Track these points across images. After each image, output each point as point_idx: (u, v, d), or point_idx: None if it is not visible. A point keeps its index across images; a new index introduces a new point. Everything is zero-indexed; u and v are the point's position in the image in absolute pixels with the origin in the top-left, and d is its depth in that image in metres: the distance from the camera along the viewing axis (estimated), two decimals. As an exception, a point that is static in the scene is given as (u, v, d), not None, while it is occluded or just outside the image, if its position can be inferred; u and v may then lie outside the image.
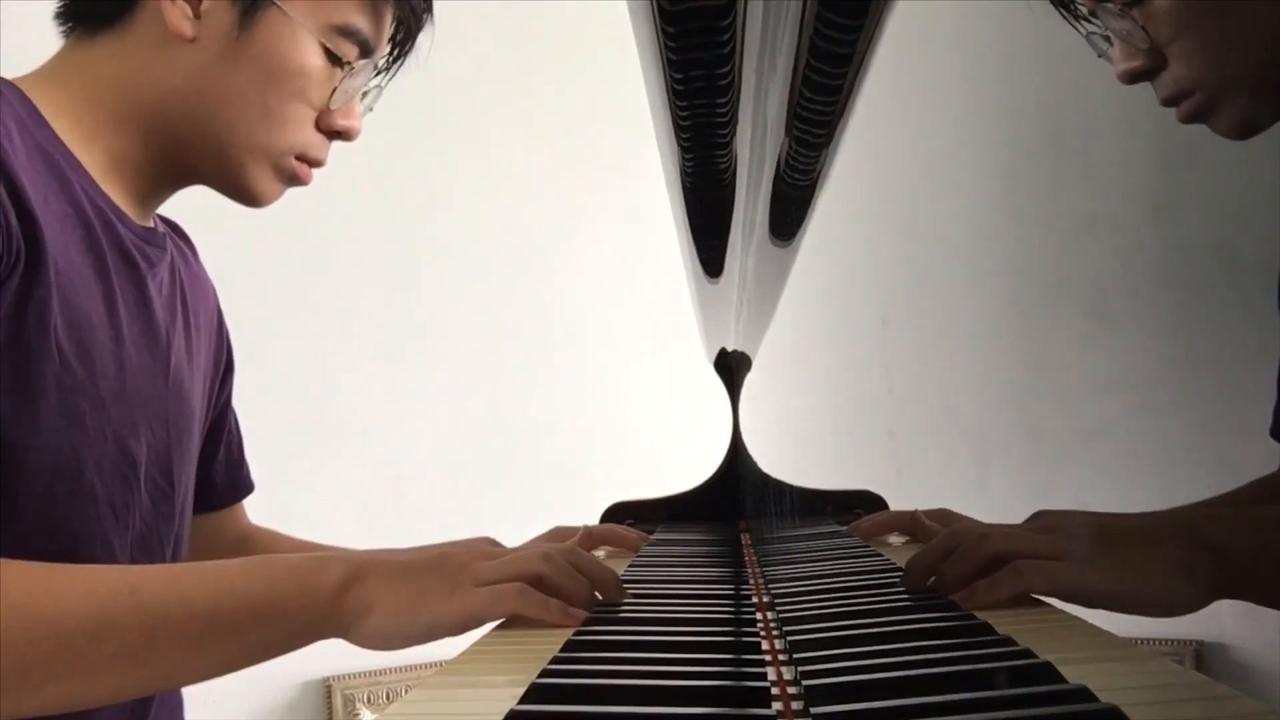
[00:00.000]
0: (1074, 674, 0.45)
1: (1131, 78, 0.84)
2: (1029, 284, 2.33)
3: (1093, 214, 2.25)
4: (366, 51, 0.84)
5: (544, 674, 0.51)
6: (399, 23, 0.86)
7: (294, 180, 0.85)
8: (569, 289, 2.43)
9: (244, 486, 1.04)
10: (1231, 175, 2.09)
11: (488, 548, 0.74)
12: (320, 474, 2.16)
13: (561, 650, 0.57)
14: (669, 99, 0.56)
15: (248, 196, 0.85)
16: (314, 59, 0.81)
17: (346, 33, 0.82)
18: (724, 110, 0.57)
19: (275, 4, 0.78)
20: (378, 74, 0.88)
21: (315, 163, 0.86)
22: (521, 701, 0.47)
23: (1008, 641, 0.53)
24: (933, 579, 0.70)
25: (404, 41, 0.88)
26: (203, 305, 0.95)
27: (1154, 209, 2.21)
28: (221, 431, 1.00)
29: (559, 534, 1.08)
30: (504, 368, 2.36)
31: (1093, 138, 2.25)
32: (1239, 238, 2.08)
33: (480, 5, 2.37)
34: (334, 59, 0.82)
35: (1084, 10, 0.85)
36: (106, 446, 0.75)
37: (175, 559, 0.87)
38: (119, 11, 0.78)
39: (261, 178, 0.84)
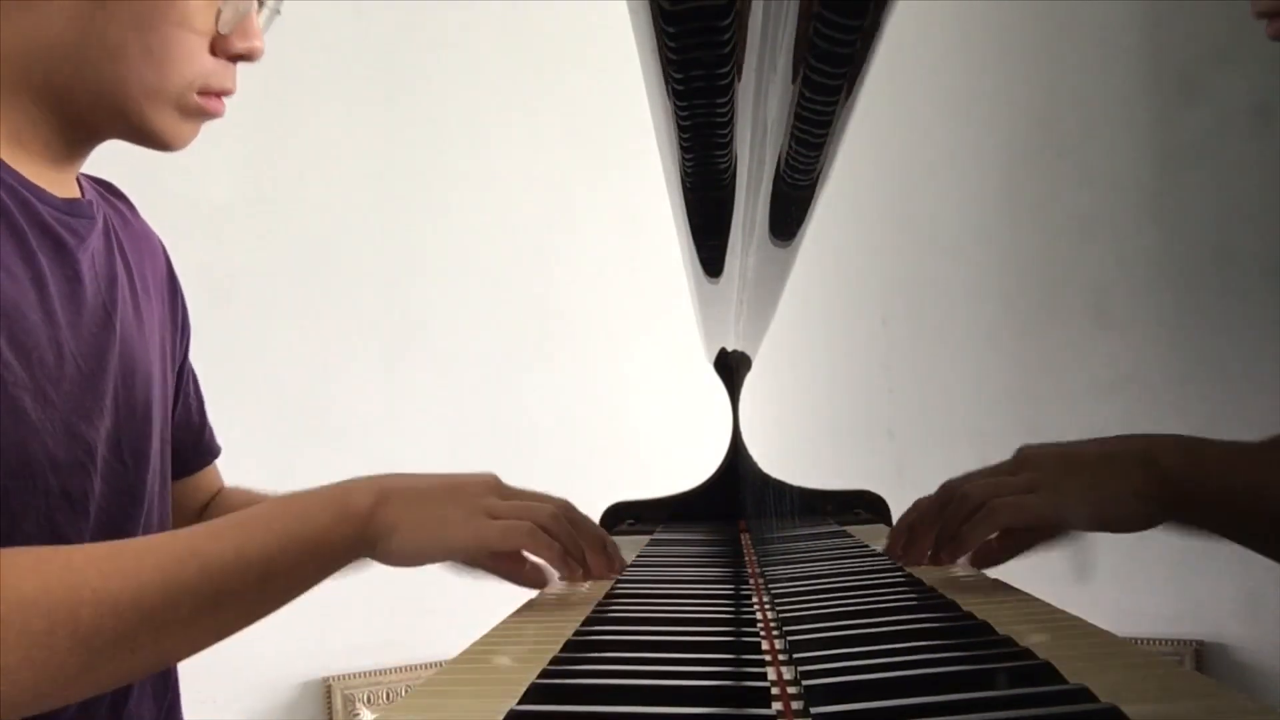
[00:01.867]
0: (1074, 674, 0.45)
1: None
2: (1028, 284, 2.33)
3: (1092, 214, 2.25)
4: None
5: (544, 674, 0.51)
6: None
7: (203, 114, 0.80)
8: (569, 289, 2.43)
9: (209, 451, 1.02)
10: (1231, 175, 2.09)
11: (495, 480, 0.77)
12: (320, 473, 2.15)
13: (561, 650, 0.57)
14: (669, 99, 0.56)
15: (157, 141, 0.80)
16: None
17: None
18: (724, 110, 0.57)
19: None
20: None
21: (222, 92, 0.80)
22: (521, 701, 0.47)
23: (1008, 641, 0.53)
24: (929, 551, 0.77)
25: None
26: (150, 265, 0.91)
27: (1154, 209, 2.21)
28: (179, 396, 0.96)
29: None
30: (503, 367, 2.36)
31: (1092, 138, 2.25)
32: (1239, 238, 2.08)
33: (480, 5, 2.37)
34: None
35: None
36: (57, 437, 0.73)
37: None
38: None
39: (166, 120, 0.78)
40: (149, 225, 0.95)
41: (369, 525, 0.68)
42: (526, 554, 0.77)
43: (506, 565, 0.78)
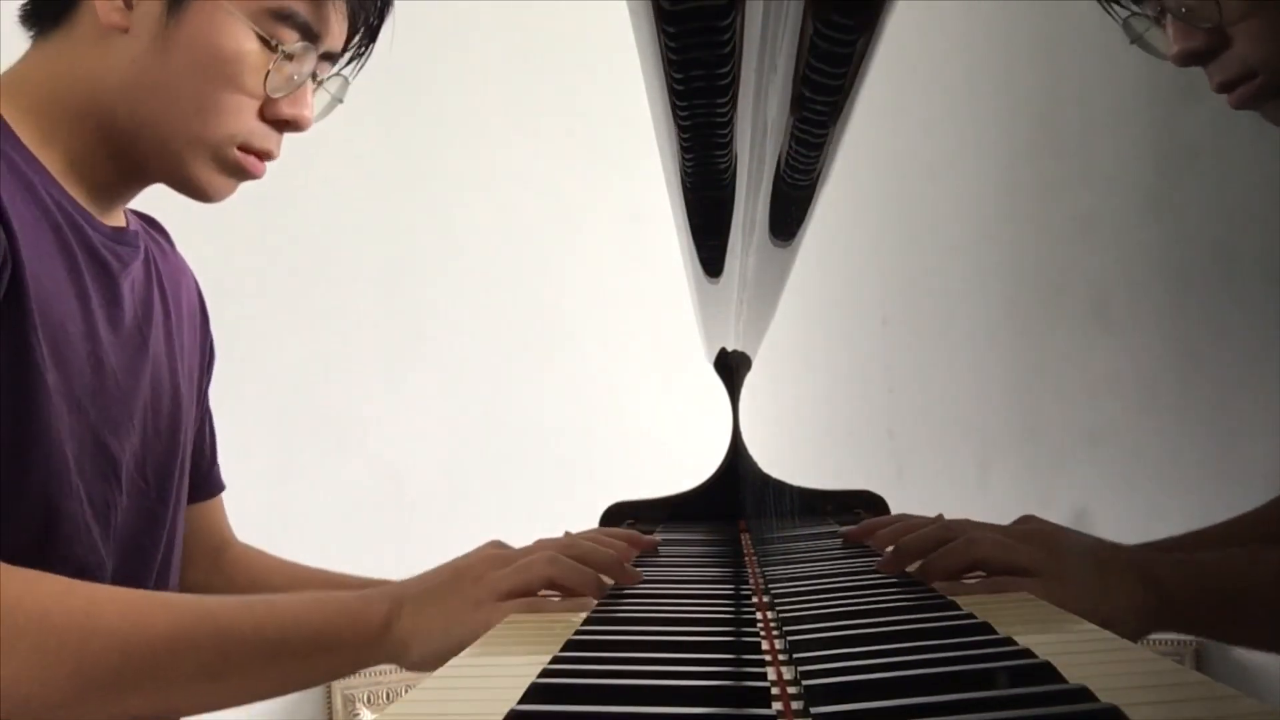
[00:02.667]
0: (1074, 674, 0.45)
1: (1188, 59, 0.81)
2: (1029, 284, 2.33)
3: (1093, 214, 2.25)
4: (309, 36, 0.81)
5: (544, 674, 0.51)
6: (355, 9, 0.85)
7: (241, 172, 0.83)
8: (569, 289, 2.43)
9: (215, 483, 1.04)
10: (1231, 175, 2.08)
11: (495, 551, 0.76)
12: (320, 474, 2.16)
13: (561, 650, 0.57)
14: (669, 99, 0.56)
15: (195, 190, 0.83)
16: (247, 45, 0.78)
17: (282, 17, 0.79)
18: (724, 110, 0.57)
19: None
20: (333, 60, 0.86)
21: (263, 154, 0.83)
22: (521, 701, 0.47)
23: (1008, 641, 0.53)
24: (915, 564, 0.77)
25: (362, 29, 0.87)
26: (185, 296, 0.94)
27: (1154, 209, 2.21)
28: (201, 429, 1.00)
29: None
30: (504, 367, 2.36)
31: (1092, 137, 2.25)
32: (1239, 238, 2.08)
33: (480, 5, 2.37)
34: (268, 44, 0.79)
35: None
36: (85, 446, 0.76)
37: (166, 561, 0.87)
38: (62, 10, 0.78)
39: (203, 170, 0.82)
40: (184, 260, 0.99)
41: (386, 637, 0.69)
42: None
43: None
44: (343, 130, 2.34)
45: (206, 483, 1.02)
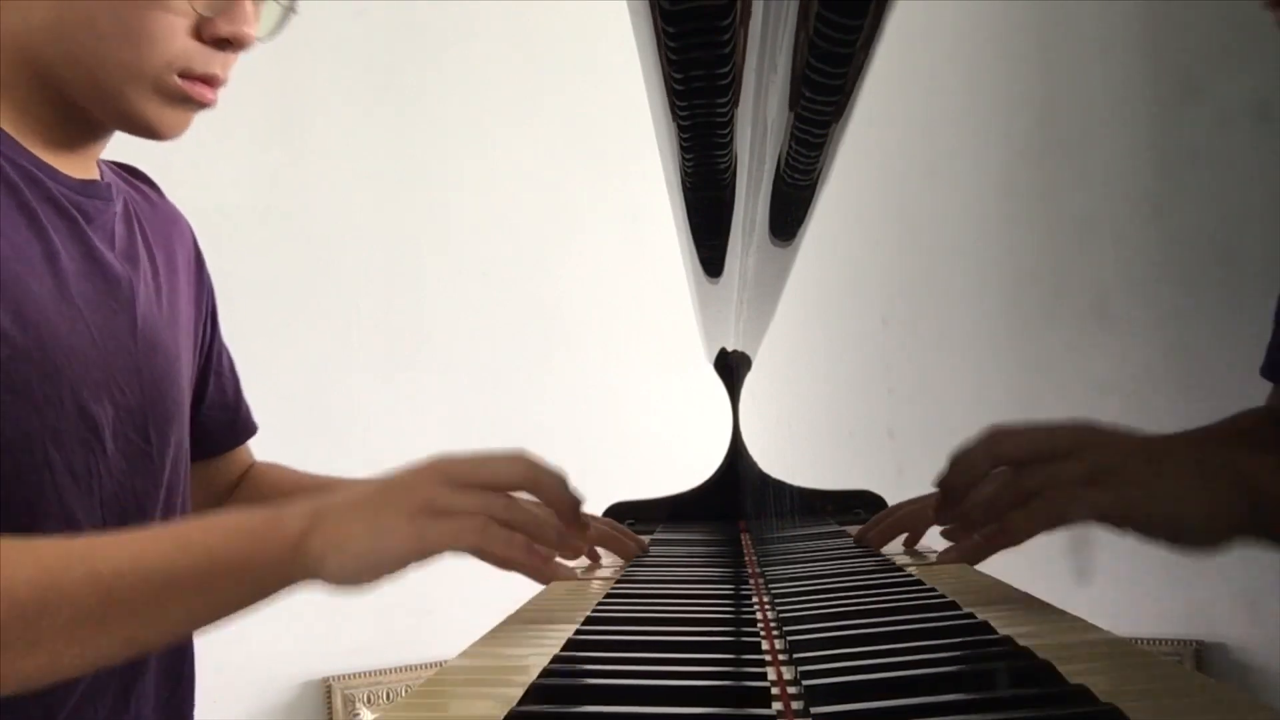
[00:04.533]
0: (1074, 674, 0.45)
1: None
2: (1029, 284, 2.33)
3: (1092, 214, 2.25)
4: None
5: (544, 674, 0.51)
6: None
7: (189, 101, 0.77)
8: (569, 289, 2.43)
9: (244, 429, 1.01)
10: (1231, 175, 2.08)
11: (442, 460, 0.68)
12: (319, 471, 2.16)
13: (561, 650, 0.57)
14: (669, 99, 0.56)
15: (144, 127, 0.78)
16: None
17: None
18: (724, 110, 0.57)
19: None
20: None
21: (207, 79, 0.77)
22: (521, 702, 0.47)
23: (1008, 641, 0.53)
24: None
25: None
26: (179, 245, 0.91)
27: (1154, 209, 2.21)
28: (209, 374, 0.96)
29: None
30: (504, 367, 2.36)
31: (1092, 137, 2.25)
32: (1239, 238, 2.08)
33: (483, 7, 2.37)
34: None
35: None
36: (63, 411, 0.73)
37: (169, 517, 0.85)
38: None
39: (146, 103, 0.76)
40: (175, 207, 0.94)
41: (301, 549, 0.61)
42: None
43: (499, 560, 0.68)
44: (346, 132, 2.35)
45: (235, 427, 1.00)
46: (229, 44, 0.77)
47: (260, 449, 1.08)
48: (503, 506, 0.65)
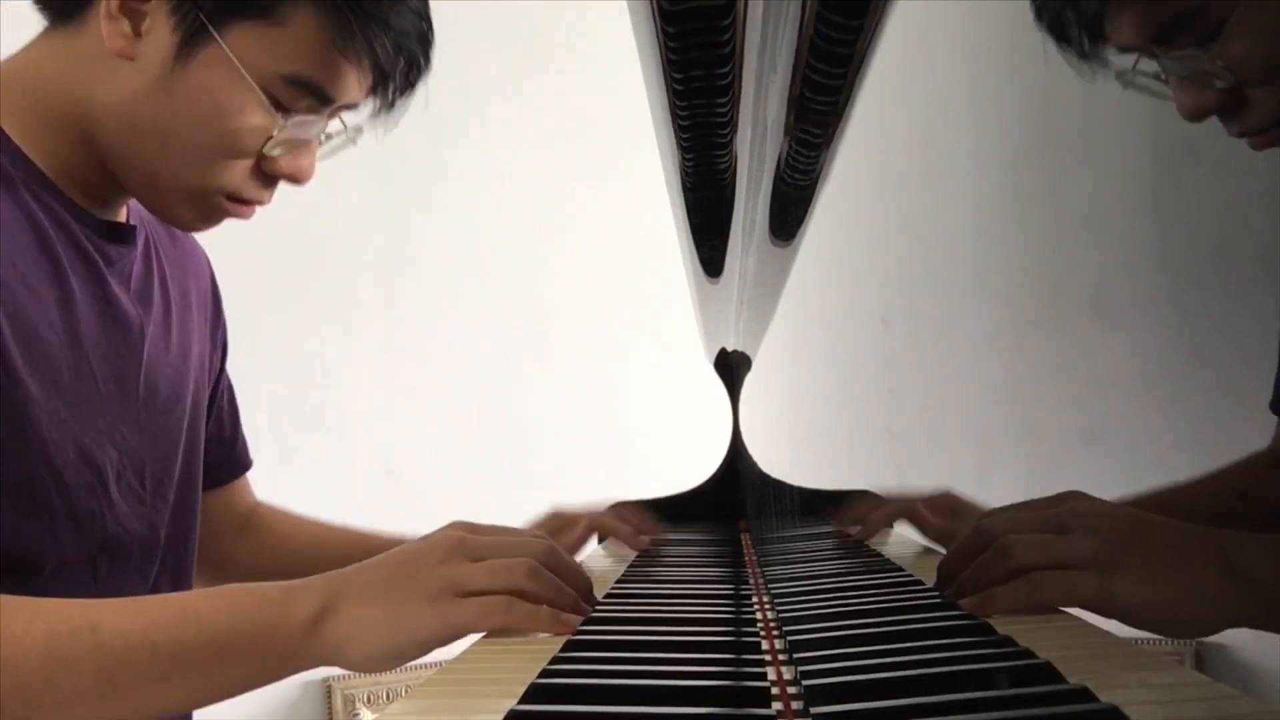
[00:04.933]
0: (1074, 674, 0.45)
1: (1202, 115, 0.75)
2: (1029, 283, 2.33)
3: (1092, 212, 2.25)
4: (322, 100, 0.76)
5: (544, 674, 0.51)
6: (379, 71, 0.77)
7: (224, 216, 0.79)
8: (569, 288, 2.43)
9: (239, 462, 1.01)
10: (1231, 174, 2.08)
11: (460, 535, 0.65)
12: (319, 470, 2.16)
13: (561, 650, 0.57)
14: (669, 99, 0.56)
15: (172, 223, 0.80)
16: (251, 108, 0.73)
17: (297, 83, 0.73)
18: (724, 110, 0.57)
19: (217, 41, 0.71)
20: (353, 108, 0.81)
21: (254, 202, 0.79)
22: (521, 701, 0.47)
23: (1008, 641, 0.53)
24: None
25: (389, 90, 0.80)
26: (194, 281, 0.91)
27: (1154, 207, 2.21)
28: (210, 409, 0.96)
29: (558, 520, 1.08)
30: (503, 366, 2.36)
31: (1092, 136, 2.25)
32: (1239, 237, 2.08)
33: (480, 6, 2.37)
34: (277, 106, 0.74)
35: (1116, 56, 0.77)
36: (67, 458, 0.72)
37: (178, 558, 0.85)
38: (74, 8, 0.73)
39: (186, 213, 0.78)
40: (195, 241, 0.94)
41: (316, 636, 0.58)
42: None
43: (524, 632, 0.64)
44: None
45: (230, 462, 1.00)
46: (286, 179, 0.78)
47: (259, 448, 1.07)
48: (525, 575, 0.62)
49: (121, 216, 0.83)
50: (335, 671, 2.16)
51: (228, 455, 1.00)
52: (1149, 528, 0.65)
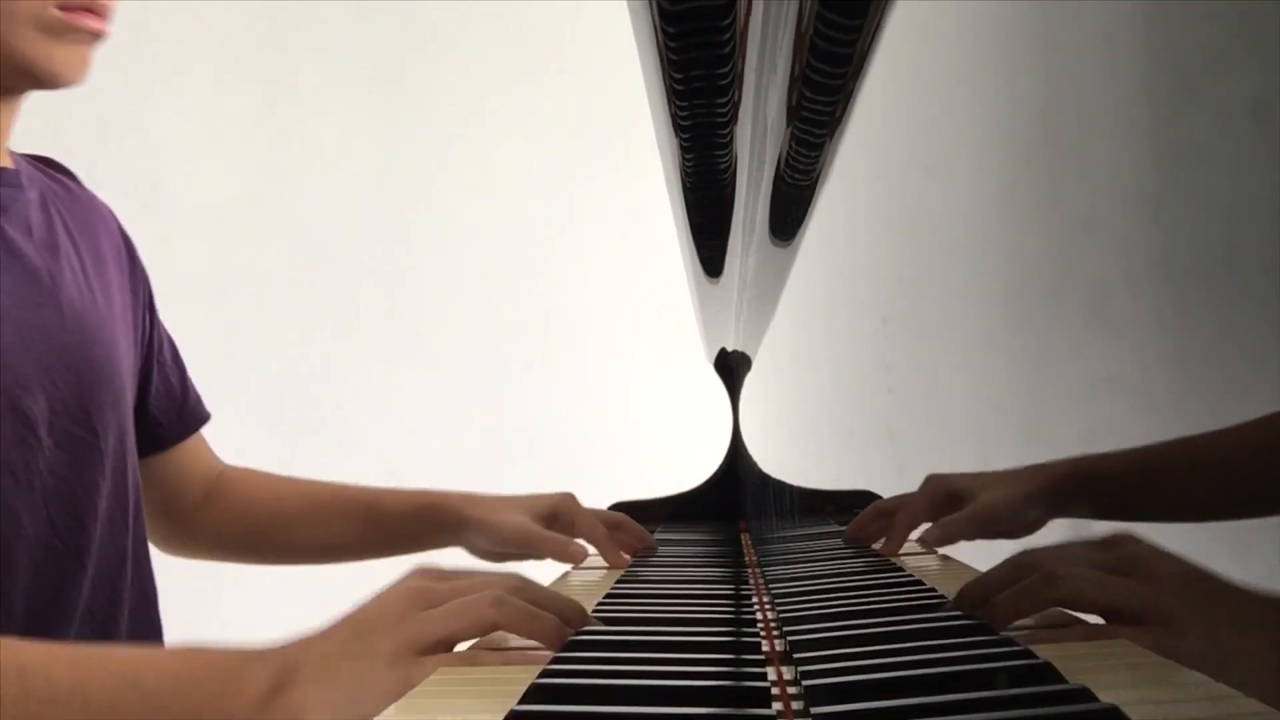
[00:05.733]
0: (1074, 674, 0.45)
1: None
2: (1029, 284, 2.32)
3: (1093, 214, 2.25)
4: None
5: (544, 674, 0.51)
6: None
7: (77, 32, 0.75)
8: (568, 288, 2.43)
9: (194, 417, 0.98)
10: (1231, 175, 2.09)
11: (418, 585, 0.59)
12: (318, 471, 2.16)
13: (561, 650, 0.57)
14: (669, 99, 0.56)
15: (41, 72, 0.76)
16: None
17: None
18: (724, 110, 0.57)
19: None
20: None
21: (93, 8, 0.75)
22: (521, 701, 0.47)
23: (1008, 641, 0.53)
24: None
25: None
26: (104, 234, 0.89)
27: (1154, 208, 2.21)
28: (151, 363, 0.94)
29: (564, 514, 1.03)
30: (502, 366, 2.36)
31: (1092, 137, 2.25)
32: (1239, 238, 2.08)
33: (480, 5, 2.37)
34: None
35: None
36: None
37: (115, 508, 0.82)
38: None
39: (33, 44, 0.74)
40: (96, 195, 0.92)
41: (268, 711, 0.52)
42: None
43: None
44: (343, 130, 2.35)
45: (184, 416, 0.96)
46: None
47: (258, 448, 1.07)
48: (491, 606, 0.57)
49: (5, 163, 0.80)
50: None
51: (179, 409, 0.97)
52: (1213, 587, 0.59)
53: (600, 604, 0.72)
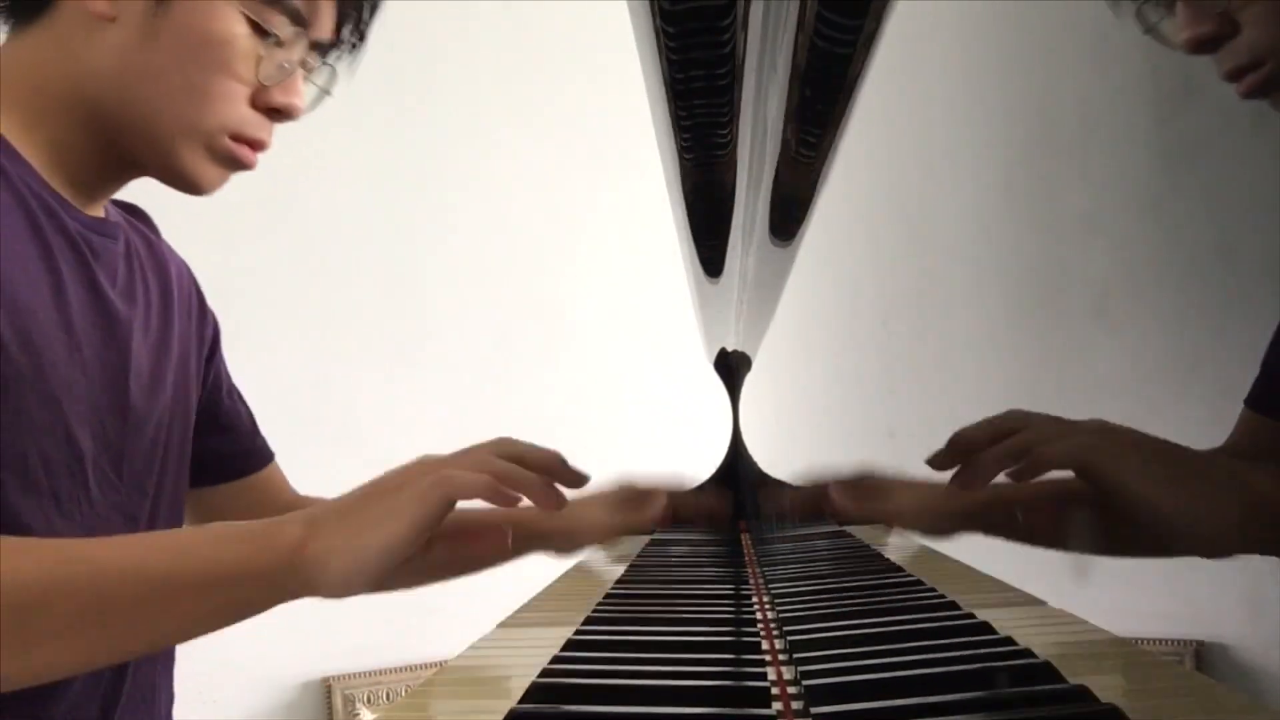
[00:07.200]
0: (1074, 674, 0.45)
1: (1198, 45, 0.77)
2: (1029, 284, 2.33)
3: (1093, 214, 2.25)
4: (299, 22, 0.80)
5: (544, 674, 0.51)
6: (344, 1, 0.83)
7: (233, 163, 0.82)
8: (569, 288, 2.43)
9: (259, 457, 1.04)
10: (1231, 175, 2.08)
11: (423, 459, 0.69)
12: (319, 472, 2.16)
13: (561, 650, 0.57)
14: (669, 99, 0.56)
15: (186, 182, 0.82)
16: (237, 29, 0.77)
17: (272, 2, 0.78)
18: (724, 110, 0.57)
19: None
20: (322, 51, 0.84)
21: (255, 144, 0.82)
22: (521, 701, 0.47)
23: (1008, 641, 0.53)
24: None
25: (351, 22, 0.84)
26: (175, 284, 0.93)
27: (1154, 208, 2.21)
28: (220, 402, 0.98)
29: (629, 492, 1.05)
30: (504, 367, 2.36)
31: (1092, 137, 2.25)
32: (1239, 238, 2.08)
33: (480, 6, 2.37)
34: (259, 30, 0.78)
35: None
36: (55, 438, 0.74)
37: None
38: (40, 5, 0.77)
39: (195, 160, 0.80)
40: (171, 248, 0.97)
41: (299, 559, 0.61)
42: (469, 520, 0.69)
43: (456, 548, 0.68)
44: (344, 130, 2.35)
45: (249, 456, 1.02)
46: (279, 114, 0.82)
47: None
48: (489, 453, 0.68)
49: (102, 215, 0.85)
50: (335, 671, 2.16)
51: (248, 448, 1.02)
52: (1175, 447, 0.66)
53: (600, 604, 0.72)
